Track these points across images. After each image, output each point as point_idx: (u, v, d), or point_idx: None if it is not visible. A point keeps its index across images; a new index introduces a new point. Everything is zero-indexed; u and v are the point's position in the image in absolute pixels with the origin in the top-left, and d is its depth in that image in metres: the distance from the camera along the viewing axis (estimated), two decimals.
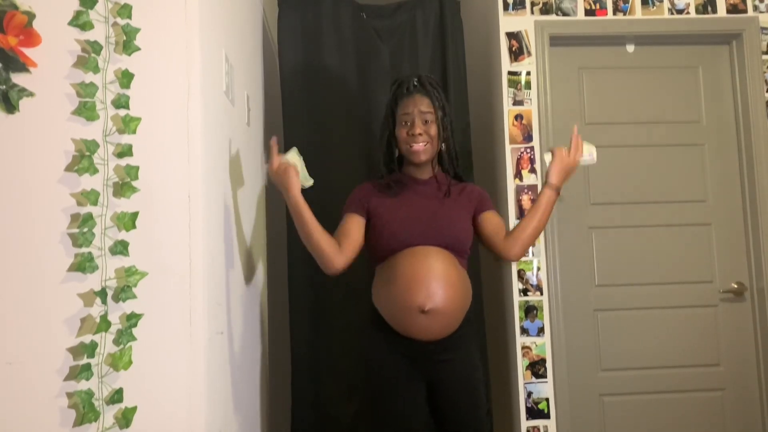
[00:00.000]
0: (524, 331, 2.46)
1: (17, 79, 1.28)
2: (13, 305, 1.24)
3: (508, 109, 2.56)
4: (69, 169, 1.28)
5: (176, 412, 1.29)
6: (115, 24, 1.32)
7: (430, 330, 1.73)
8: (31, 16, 1.29)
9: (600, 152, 2.60)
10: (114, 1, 1.33)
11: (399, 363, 1.79)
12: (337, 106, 2.49)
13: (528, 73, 2.57)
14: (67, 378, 1.24)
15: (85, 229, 1.26)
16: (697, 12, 2.63)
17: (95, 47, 1.30)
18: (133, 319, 1.28)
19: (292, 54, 2.49)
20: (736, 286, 2.60)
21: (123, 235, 1.29)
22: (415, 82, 1.88)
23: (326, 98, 2.48)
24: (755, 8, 2.64)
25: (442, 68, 2.56)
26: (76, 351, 1.24)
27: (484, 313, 2.51)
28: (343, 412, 2.35)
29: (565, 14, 2.60)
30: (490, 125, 2.73)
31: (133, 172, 1.31)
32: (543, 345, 2.46)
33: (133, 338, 1.28)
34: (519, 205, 2.50)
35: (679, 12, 2.63)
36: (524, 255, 1.85)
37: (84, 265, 1.26)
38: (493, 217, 1.91)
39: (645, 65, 2.69)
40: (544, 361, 2.46)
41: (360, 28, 2.55)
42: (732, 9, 2.63)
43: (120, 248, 1.28)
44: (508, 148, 2.54)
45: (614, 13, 2.62)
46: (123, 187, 1.30)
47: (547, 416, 2.44)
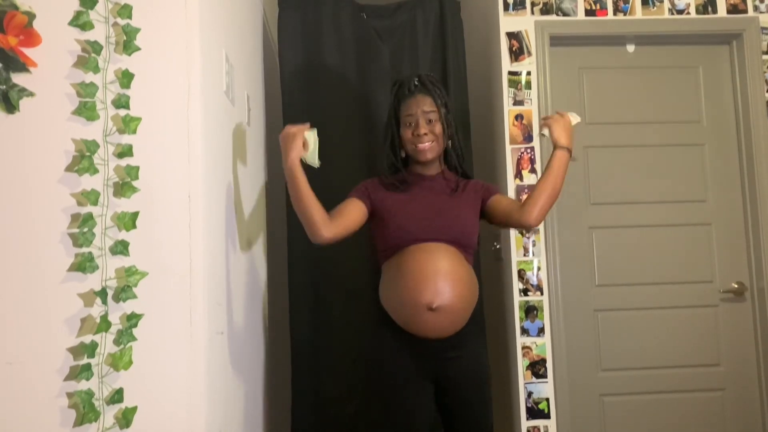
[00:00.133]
0: (524, 331, 2.46)
1: (17, 79, 1.28)
2: (13, 305, 1.24)
3: (509, 109, 2.56)
4: (69, 169, 1.28)
5: (176, 412, 1.29)
6: (115, 24, 1.33)
7: (438, 327, 1.73)
8: (31, 16, 1.29)
9: (600, 152, 2.64)
10: (114, 1, 1.33)
11: (407, 360, 1.78)
12: (337, 106, 2.49)
13: (528, 73, 2.57)
14: (68, 378, 1.24)
15: (86, 229, 1.26)
16: (698, 12, 2.63)
17: (95, 47, 1.31)
18: (133, 319, 1.28)
19: (292, 54, 2.49)
20: (736, 286, 2.60)
21: (123, 235, 1.29)
22: (416, 82, 1.89)
23: (326, 98, 2.48)
24: (755, 8, 2.64)
25: (442, 68, 2.56)
26: (77, 351, 1.25)
27: (484, 313, 2.50)
28: (343, 411, 2.35)
29: (565, 14, 2.60)
30: (490, 125, 2.73)
31: (133, 172, 1.31)
32: (543, 345, 2.46)
33: (134, 338, 1.28)
34: None
35: (680, 12, 2.63)
36: (543, 219, 1.81)
37: (84, 265, 1.26)
38: (502, 198, 1.92)
39: (645, 65, 2.69)
40: (544, 361, 2.46)
41: (360, 28, 2.55)
42: (732, 9, 2.63)
43: (120, 248, 1.28)
44: (508, 148, 2.54)
45: (614, 14, 2.62)
46: (123, 187, 1.30)
47: (547, 416, 2.44)
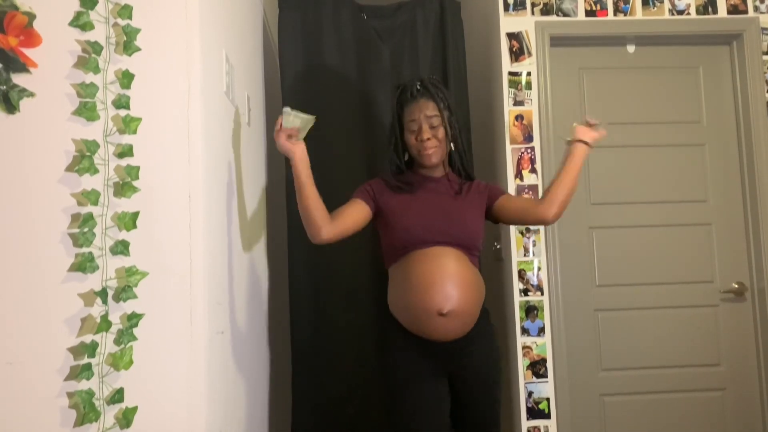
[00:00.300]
0: (525, 331, 2.46)
1: (17, 79, 1.28)
2: (13, 305, 1.25)
3: (509, 110, 2.56)
4: (69, 169, 1.28)
5: (177, 412, 1.29)
6: (115, 24, 1.33)
7: (448, 331, 1.74)
8: (31, 16, 1.29)
9: (600, 152, 2.63)
10: (114, 1, 1.33)
11: (419, 359, 1.78)
12: (337, 106, 2.48)
13: (528, 74, 2.57)
14: (68, 378, 1.24)
15: (86, 229, 1.26)
16: (698, 13, 2.63)
17: (96, 48, 1.31)
18: (133, 319, 1.28)
19: (292, 54, 2.49)
20: (736, 286, 2.60)
21: (123, 235, 1.29)
22: (419, 86, 1.88)
23: (326, 98, 2.48)
24: (756, 9, 2.64)
25: (443, 68, 2.55)
26: (77, 351, 1.25)
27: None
28: (343, 412, 2.35)
29: (565, 15, 2.60)
30: (490, 125, 2.73)
31: (133, 172, 1.31)
32: (543, 345, 2.46)
33: (134, 338, 1.28)
34: None
35: (680, 13, 2.63)
36: (561, 215, 1.86)
37: (84, 265, 1.26)
38: (511, 198, 1.94)
39: (645, 65, 2.69)
40: (544, 360, 2.46)
41: (360, 28, 2.55)
42: (732, 10, 2.63)
43: (120, 248, 1.28)
44: (508, 148, 2.54)
45: (615, 14, 2.62)
46: (123, 187, 1.30)
47: (547, 416, 2.44)
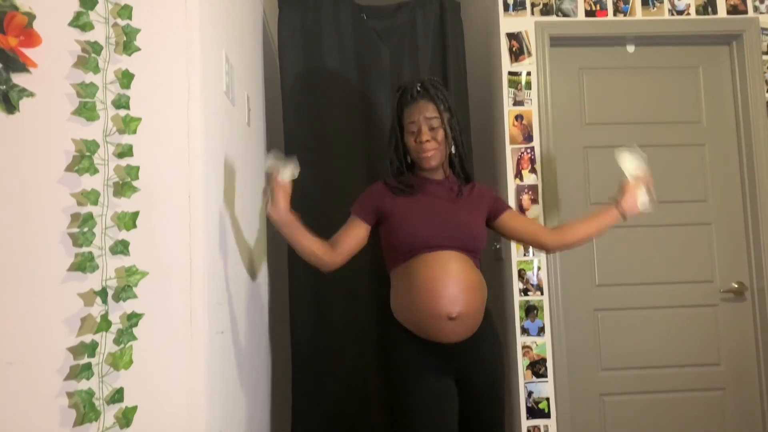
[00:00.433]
0: (524, 331, 2.47)
1: (17, 79, 1.28)
2: (13, 305, 1.25)
3: (509, 110, 2.56)
4: (69, 169, 1.28)
5: (177, 411, 1.29)
6: (115, 25, 1.33)
7: (457, 334, 1.76)
8: (31, 16, 1.29)
9: (600, 152, 2.64)
10: (114, 1, 1.33)
11: (423, 358, 1.78)
12: (337, 107, 2.49)
13: (528, 74, 2.57)
14: (68, 378, 1.24)
15: (86, 229, 1.27)
16: (698, 13, 2.63)
17: (95, 48, 1.31)
18: (133, 318, 1.28)
19: (292, 54, 2.49)
20: (736, 285, 2.60)
21: (123, 235, 1.29)
22: (418, 88, 1.87)
23: (326, 98, 2.48)
24: (755, 9, 2.64)
25: (443, 69, 2.56)
26: (77, 350, 1.25)
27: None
28: (343, 412, 2.35)
29: (565, 15, 2.60)
30: (490, 125, 2.73)
31: (133, 172, 1.31)
32: (543, 344, 2.46)
33: (134, 338, 1.28)
34: (519, 204, 2.51)
35: (680, 13, 2.63)
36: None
37: (84, 264, 1.26)
38: (517, 216, 2.01)
39: (645, 66, 2.69)
40: (544, 360, 2.46)
41: (360, 28, 2.55)
42: (732, 10, 2.64)
43: (120, 248, 1.28)
44: (508, 148, 2.54)
45: (614, 14, 2.62)
46: (123, 186, 1.30)
47: (547, 416, 2.44)
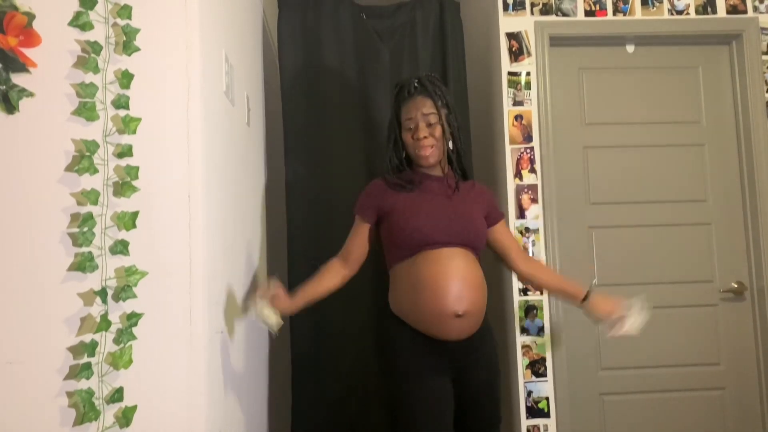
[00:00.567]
0: (524, 330, 2.47)
1: (17, 79, 1.29)
2: (13, 305, 1.25)
3: (508, 110, 2.56)
4: (69, 169, 1.28)
5: (176, 411, 1.29)
6: (115, 24, 1.33)
7: (462, 331, 1.76)
8: (31, 16, 1.29)
9: (600, 152, 2.64)
10: (114, 1, 1.33)
11: (424, 357, 1.77)
12: (336, 106, 2.49)
13: (528, 74, 2.57)
14: (68, 377, 1.24)
15: (85, 229, 1.27)
16: (697, 13, 2.63)
17: (95, 47, 1.31)
18: (133, 318, 1.28)
19: (292, 54, 2.49)
20: (736, 285, 2.60)
21: (123, 235, 1.29)
22: (416, 84, 1.87)
23: (326, 98, 2.49)
24: (755, 9, 2.64)
25: (442, 69, 2.56)
26: (77, 350, 1.25)
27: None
28: (343, 412, 2.36)
29: (565, 15, 2.60)
30: (490, 125, 2.73)
31: (133, 172, 1.31)
32: (543, 344, 2.46)
33: (134, 337, 1.28)
34: (519, 204, 2.51)
35: (679, 12, 2.63)
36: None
37: (84, 264, 1.26)
38: (505, 231, 2.02)
39: (645, 65, 2.69)
40: (544, 360, 2.46)
41: (360, 28, 2.55)
42: (732, 10, 2.63)
43: (120, 248, 1.29)
44: (508, 148, 2.54)
45: (614, 14, 2.62)
46: (123, 186, 1.30)
47: (547, 415, 2.44)
